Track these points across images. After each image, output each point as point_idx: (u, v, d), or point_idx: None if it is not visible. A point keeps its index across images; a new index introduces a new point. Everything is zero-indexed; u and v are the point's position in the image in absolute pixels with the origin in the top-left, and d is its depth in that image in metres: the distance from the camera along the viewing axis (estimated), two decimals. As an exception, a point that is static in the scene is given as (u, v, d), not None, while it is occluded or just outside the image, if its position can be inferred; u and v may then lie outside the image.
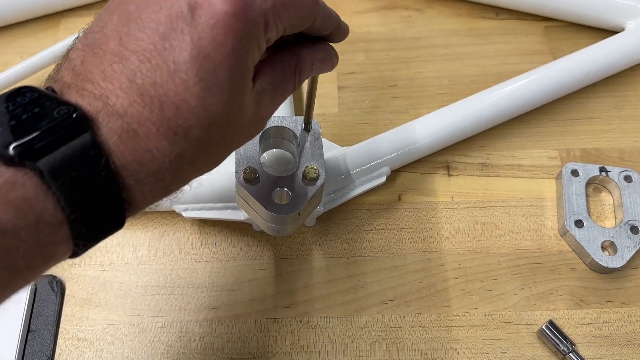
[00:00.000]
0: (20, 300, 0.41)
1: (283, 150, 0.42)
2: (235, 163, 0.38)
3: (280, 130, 0.40)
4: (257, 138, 0.39)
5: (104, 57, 0.24)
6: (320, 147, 0.39)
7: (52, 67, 0.39)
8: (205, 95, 0.24)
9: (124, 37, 0.24)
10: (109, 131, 0.23)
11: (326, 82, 0.52)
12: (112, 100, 0.23)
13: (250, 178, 0.37)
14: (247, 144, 0.39)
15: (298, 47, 0.31)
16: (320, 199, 0.40)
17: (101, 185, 0.22)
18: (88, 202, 0.22)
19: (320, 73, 0.34)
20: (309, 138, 0.39)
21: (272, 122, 0.40)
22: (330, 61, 0.33)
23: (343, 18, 0.55)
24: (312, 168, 0.37)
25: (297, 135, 0.39)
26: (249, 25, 0.24)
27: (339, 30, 0.32)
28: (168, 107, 0.23)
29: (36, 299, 0.42)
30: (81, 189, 0.22)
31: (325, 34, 0.31)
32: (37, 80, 0.52)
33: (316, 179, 0.37)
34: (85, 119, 0.22)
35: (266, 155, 0.42)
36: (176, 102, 0.23)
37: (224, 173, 0.42)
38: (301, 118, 0.39)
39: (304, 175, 0.37)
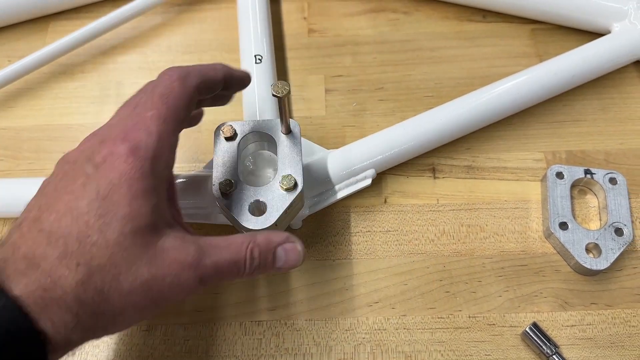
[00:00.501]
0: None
1: (268, 152, 0.42)
2: (213, 174, 0.38)
3: (258, 135, 0.40)
4: (234, 146, 0.39)
5: (23, 224, 0.29)
6: (299, 152, 0.39)
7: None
8: (105, 229, 0.28)
9: (42, 205, 0.29)
10: (14, 271, 0.27)
11: (313, 85, 0.52)
12: (22, 249, 0.27)
13: (226, 190, 0.37)
14: (225, 153, 0.39)
15: (254, 232, 0.35)
16: (302, 205, 0.40)
17: (3, 313, 0.26)
18: None
19: (286, 267, 0.34)
20: (288, 143, 0.39)
21: (251, 126, 0.40)
22: (294, 250, 0.34)
23: (331, 21, 0.55)
24: (290, 177, 0.37)
25: (277, 139, 0.39)
26: (140, 164, 0.30)
27: (232, 78, 0.37)
28: (71, 242, 0.27)
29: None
30: None
31: (218, 88, 0.36)
32: (25, 83, 0.52)
33: (293, 187, 0.37)
34: None
35: (252, 157, 0.43)
36: (79, 237, 0.27)
37: (208, 176, 0.42)
38: (279, 121, 0.39)
39: (281, 185, 0.37)
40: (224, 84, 0.36)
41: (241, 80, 0.38)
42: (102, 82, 0.53)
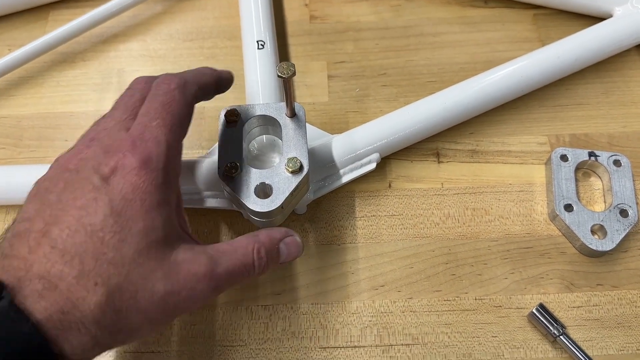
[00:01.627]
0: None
1: (272, 137, 0.42)
2: (218, 157, 0.38)
3: (263, 119, 0.40)
4: (239, 130, 0.39)
5: (30, 236, 0.27)
6: (304, 135, 0.39)
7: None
8: (120, 245, 0.27)
9: (47, 217, 0.28)
10: (31, 292, 0.26)
11: (316, 71, 0.52)
12: (35, 267, 0.26)
13: (231, 173, 0.37)
14: (230, 137, 0.39)
15: (255, 232, 0.35)
16: (307, 188, 0.40)
17: (24, 338, 0.25)
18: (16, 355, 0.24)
19: (288, 260, 0.36)
20: (292, 126, 0.39)
21: (256, 109, 0.40)
22: (295, 243, 0.36)
23: (333, 8, 0.55)
24: (295, 159, 0.37)
25: (281, 122, 0.39)
26: (152, 176, 0.29)
27: (221, 81, 0.38)
28: (87, 261, 0.26)
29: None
30: (7, 345, 0.24)
31: (212, 91, 0.38)
32: (26, 71, 0.52)
33: (299, 170, 0.37)
34: (2, 286, 0.25)
35: (256, 142, 0.42)
36: (95, 255, 0.27)
37: (213, 161, 0.42)
38: (284, 104, 0.39)
39: (287, 167, 0.37)
40: (215, 87, 0.37)
41: (228, 81, 0.39)
42: (103, 69, 0.53)
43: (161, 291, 0.28)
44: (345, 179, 0.44)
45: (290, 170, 0.37)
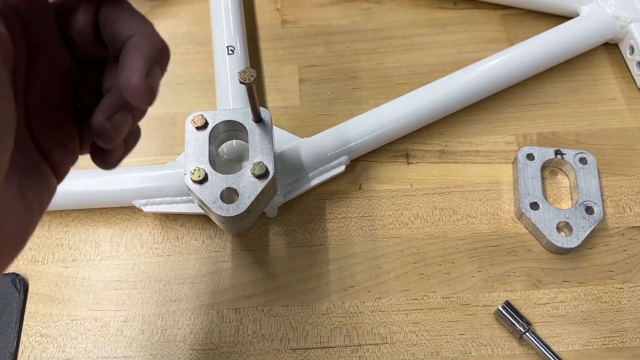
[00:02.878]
0: (-17, 299, 0.41)
1: (241, 141, 0.43)
2: (184, 163, 0.38)
3: (230, 124, 0.40)
4: (206, 135, 0.39)
5: None
6: (270, 140, 0.39)
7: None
8: None
9: None
10: None
11: (288, 75, 0.52)
12: None
13: (198, 179, 0.37)
14: (197, 142, 0.39)
15: None
16: (274, 192, 0.41)
17: None
18: None
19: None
20: (259, 131, 0.39)
21: (222, 115, 0.40)
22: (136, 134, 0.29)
23: (304, 12, 0.56)
24: (261, 164, 0.37)
25: (248, 128, 0.40)
26: None
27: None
28: None
29: (-1, 298, 0.42)
30: None
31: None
32: None
33: (265, 174, 0.37)
34: None
35: (225, 147, 0.43)
36: None
37: (181, 168, 0.42)
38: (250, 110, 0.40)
39: (252, 172, 0.37)
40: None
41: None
42: (76, 78, 0.53)
43: None
44: (315, 181, 0.44)
45: (256, 174, 0.37)
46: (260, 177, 0.37)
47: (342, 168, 0.45)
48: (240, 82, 0.35)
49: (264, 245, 0.44)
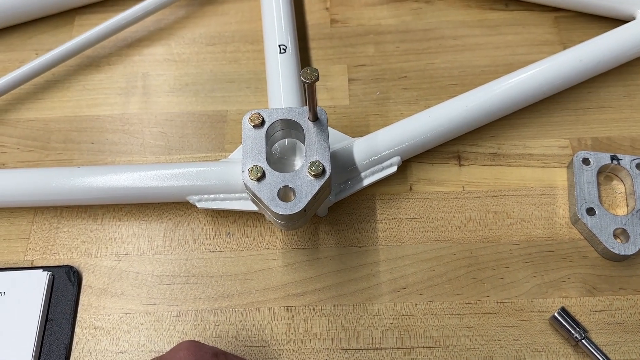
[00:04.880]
0: (38, 289, 0.42)
1: (294, 140, 0.43)
2: (242, 161, 0.38)
3: (286, 123, 0.40)
4: (263, 133, 0.39)
5: None
6: (327, 139, 0.39)
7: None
8: None
9: None
10: None
11: (337, 74, 0.52)
12: None
13: (255, 177, 0.37)
14: (254, 141, 0.39)
15: None
16: (329, 191, 0.41)
17: None
18: None
19: None
20: (315, 130, 0.39)
21: (279, 113, 0.40)
22: None
23: (353, 11, 0.56)
24: (318, 163, 0.38)
25: (304, 126, 0.40)
26: None
27: None
28: None
29: (54, 289, 0.43)
30: None
31: None
32: (53, 76, 0.53)
33: (322, 174, 0.37)
34: None
35: (278, 146, 0.43)
36: None
37: (237, 164, 0.42)
38: (307, 108, 0.40)
39: (310, 171, 0.37)
40: None
41: None
42: (128, 73, 0.54)
43: None
44: (367, 182, 0.44)
45: (312, 173, 0.37)
46: (317, 176, 0.37)
47: (394, 169, 0.44)
48: (303, 81, 0.35)
49: (314, 244, 0.44)
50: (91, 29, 0.52)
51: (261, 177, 0.38)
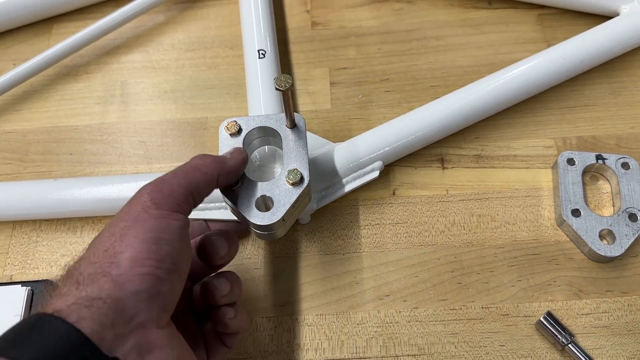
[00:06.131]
0: (17, 305, 0.41)
1: (274, 147, 0.42)
2: None
3: (263, 130, 0.40)
4: (240, 142, 0.38)
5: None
6: (305, 146, 0.38)
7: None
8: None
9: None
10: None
11: (318, 78, 0.51)
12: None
13: (233, 186, 0.37)
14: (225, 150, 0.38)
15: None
16: (309, 199, 0.40)
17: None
18: None
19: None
20: (293, 137, 0.39)
21: (256, 121, 0.39)
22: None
23: (334, 14, 0.55)
24: (295, 171, 0.37)
25: (282, 134, 0.39)
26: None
27: (225, 174, 0.35)
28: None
29: (33, 304, 0.42)
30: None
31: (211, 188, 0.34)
32: (30, 86, 0.52)
33: (300, 182, 0.37)
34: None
35: (258, 153, 0.42)
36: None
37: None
38: (284, 115, 0.39)
39: (287, 179, 0.37)
40: (214, 183, 0.34)
41: (235, 169, 0.36)
42: (106, 82, 0.53)
43: None
44: (349, 187, 0.43)
45: (290, 182, 0.37)
46: (296, 184, 0.37)
47: (376, 173, 0.44)
48: (276, 89, 0.35)
49: (297, 252, 0.43)
50: (69, 38, 0.51)
51: (238, 187, 0.37)
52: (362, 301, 0.41)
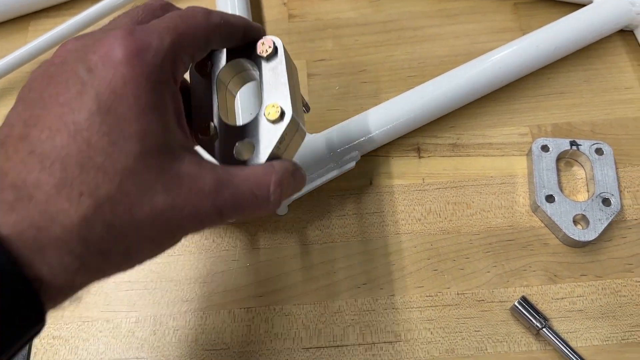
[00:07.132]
0: (-5, 301, 0.41)
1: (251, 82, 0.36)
2: (192, 119, 0.32)
3: (237, 66, 0.33)
4: (211, 83, 0.33)
5: (8, 143, 0.23)
6: (283, 74, 0.32)
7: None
8: (111, 150, 0.23)
9: (27, 119, 0.24)
10: (1, 203, 0.22)
11: (296, 70, 0.51)
12: (10, 175, 0.22)
13: (206, 136, 0.31)
14: (199, 94, 0.33)
15: (271, 162, 0.30)
16: (303, 133, 0.34)
17: None
18: None
19: (295, 192, 0.32)
20: (269, 66, 0.32)
21: (225, 56, 0.33)
22: (302, 176, 0.33)
23: (311, 6, 0.55)
24: (273, 106, 0.31)
25: (258, 64, 0.32)
26: (148, 70, 0.25)
27: (251, 30, 0.32)
28: (71, 167, 0.22)
29: (11, 300, 0.42)
30: None
31: (239, 38, 0.31)
32: (8, 83, 0.52)
33: (280, 117, 0.30)
34: None
35: (241, 90, 0.36)
36: (80, 160, 0.22)
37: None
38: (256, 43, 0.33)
39: (267, 117, 0.31)
40: (243, 35, 0.31)
41: (257, 31, 0.32)
42: (84, 77, 0.53)
43: (161, 205, 0.24)
44: (325, 178, 0.44)
45: (270, 119, 0.31)
46: (276, 121, 0.31)
47: (352, 164, 0.44)
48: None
49: (275, 243, 0.44)
50: (46, 33, 0.51)
51: (213, 135, 0.31)
52: (340, 290, 0.42)
